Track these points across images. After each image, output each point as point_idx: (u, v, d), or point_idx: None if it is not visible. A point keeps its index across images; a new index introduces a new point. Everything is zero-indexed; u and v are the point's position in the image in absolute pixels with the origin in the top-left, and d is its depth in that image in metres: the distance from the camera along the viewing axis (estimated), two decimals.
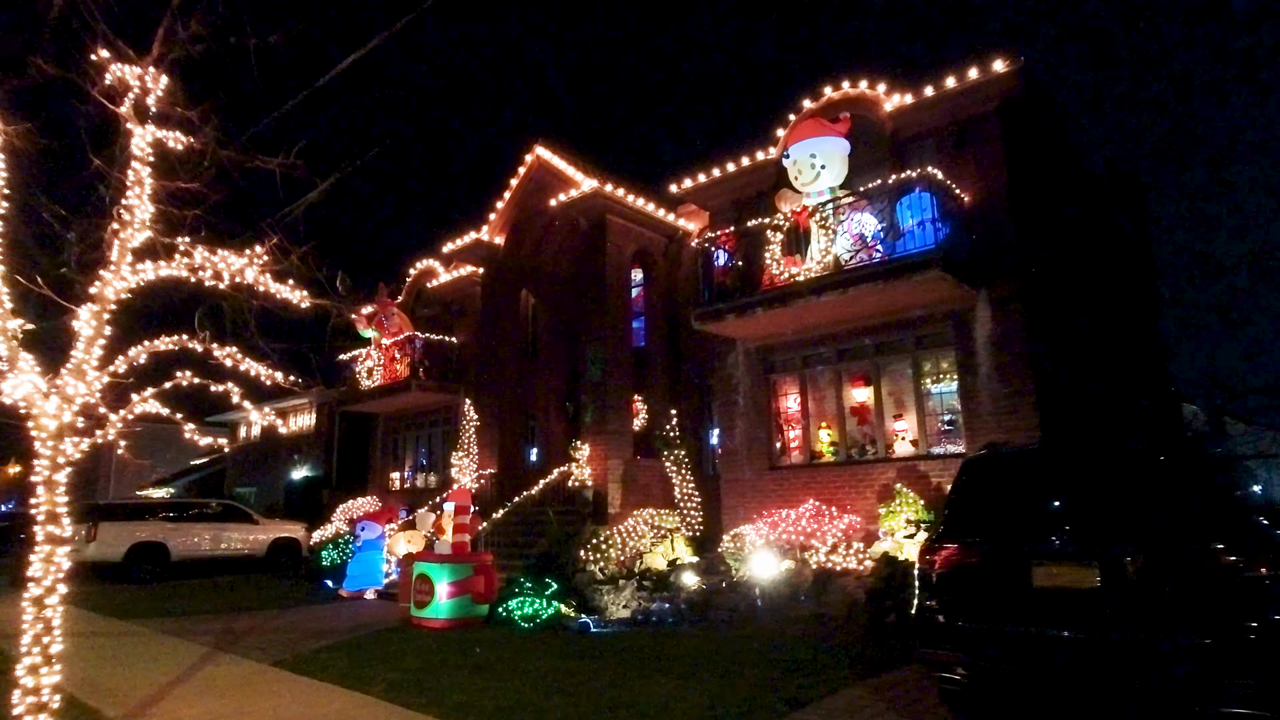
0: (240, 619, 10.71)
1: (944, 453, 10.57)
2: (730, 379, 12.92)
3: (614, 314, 13.85)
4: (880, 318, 11.08)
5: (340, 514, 19.12)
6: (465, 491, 10.36)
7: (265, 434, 28.81)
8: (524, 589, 10.79)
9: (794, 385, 12.43)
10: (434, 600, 9.64)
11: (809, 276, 10.51)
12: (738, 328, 11.86)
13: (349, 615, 10.87)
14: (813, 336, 11.92)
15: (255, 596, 13.27)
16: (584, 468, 12.94)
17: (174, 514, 17.76)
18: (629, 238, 14.48)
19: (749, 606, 9.77)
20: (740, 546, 11.28)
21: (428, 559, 9.89)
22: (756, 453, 12.42)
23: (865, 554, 9.40)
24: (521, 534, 12.47)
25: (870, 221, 10.23)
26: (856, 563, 9.29)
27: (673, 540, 12.63)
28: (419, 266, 19.83)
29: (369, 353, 18.72)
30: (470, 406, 16.60)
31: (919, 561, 4.88)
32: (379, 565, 13.13)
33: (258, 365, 5.68)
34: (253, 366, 5.66)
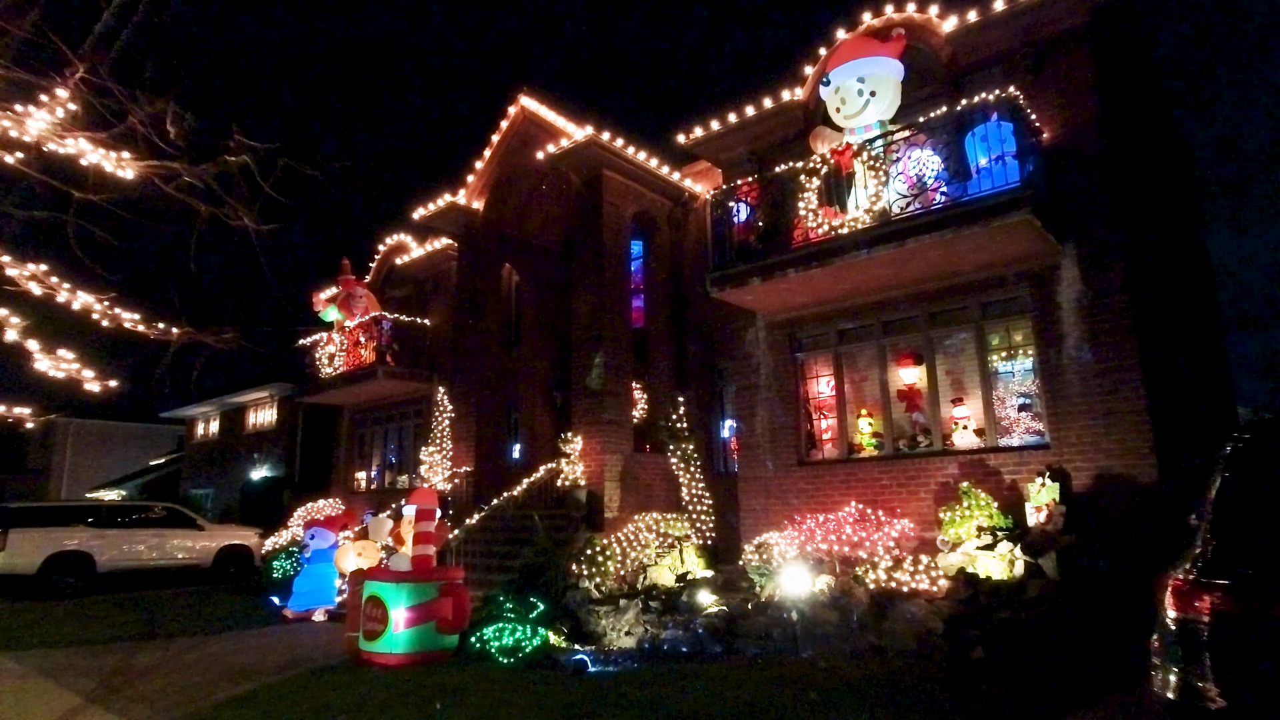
0: (148, 649, 8.60)
1: (1019, 444, 8.66)
2: (749, 360, 10.96)
3: (612, 285, 11.85)
4: (937, 281, 9.17)
5: (299, 518, 16.96)
6: (430, 492, 8.33)
7: (224, 431, 26.51)
8: (503, 612, 8.77)
9: (826, 365, 10.49)
10: (388, 630, 7.59)
11: (855, 228, 8.57)
12: (762, 295, 9.90)
13: (286, 645, 8.78)
14: (851, 306, 9.99)
15: (184, 616, 11.14)
16: (576, 464, 10.91)
17: (103, 519, 15.54)
18: (629, 198, 12.50)
19: (785, 635, 7.79)
20: (767, 558, 9.31)
21: (381, 577, 7.84)
22: (782, 446, 10.46)
23: (937, 570, 7.45)
24: (501, 543, 10.42)
25: (931, 160, 8.32)
26: (929, 581, 7.34)
27: (682, 550, 10.64)
28: (389, 242, 17.73)
29: (330, 336, 16.58)
30: (444, 396, 14.52)
31: (1174, 606, 2.89)
32: (331, 580, 11.03)
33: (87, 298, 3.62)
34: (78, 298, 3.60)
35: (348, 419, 18.68)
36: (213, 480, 26.46)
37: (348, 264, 16.40)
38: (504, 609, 8.93)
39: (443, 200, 14.04)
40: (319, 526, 11.26)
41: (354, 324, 15.96)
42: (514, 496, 10.68)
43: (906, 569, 7.54)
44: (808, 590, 8.62)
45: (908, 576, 7.51)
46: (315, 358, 16.88)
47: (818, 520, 9.13)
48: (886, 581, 7.57)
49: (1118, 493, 7.75)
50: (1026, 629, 6.60)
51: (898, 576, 7.60)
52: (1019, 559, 7.38)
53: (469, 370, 14.13)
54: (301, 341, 17.43)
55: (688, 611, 8.97)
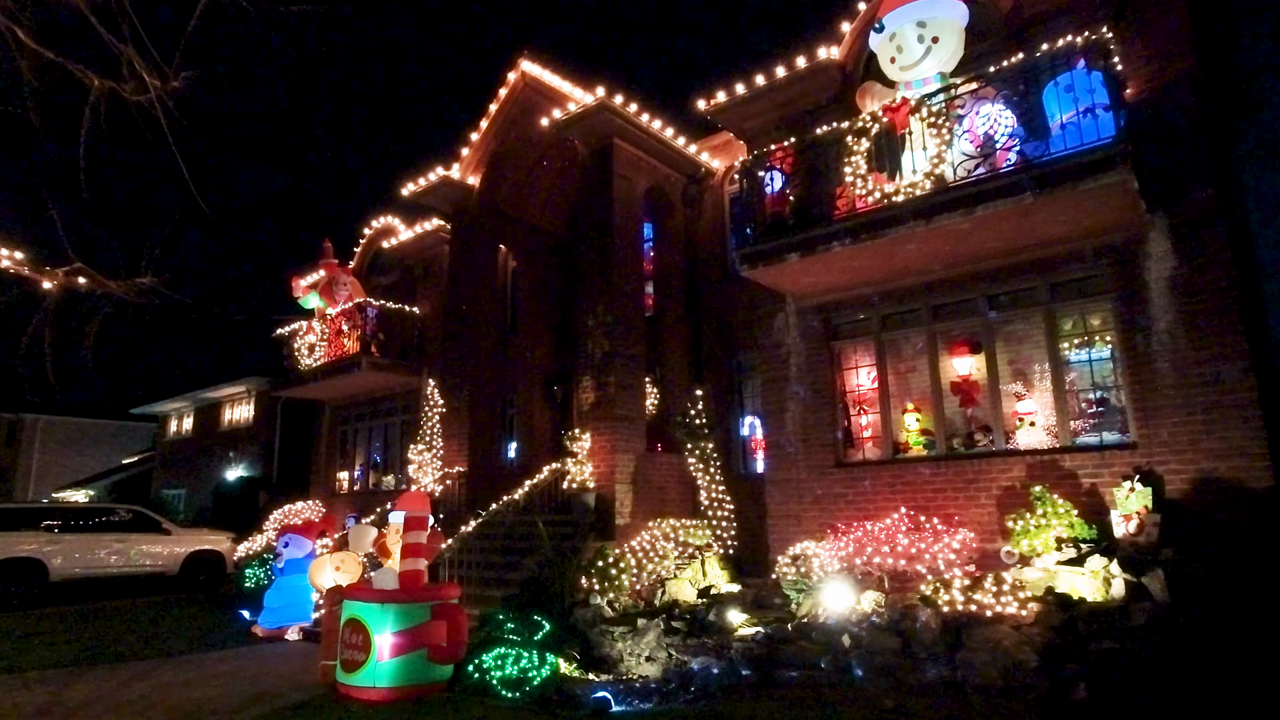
0: (88, 679, 7.34)
1: (1098, 443, 7.59)
2: (777, 350, 9.84)
3: (624, 267, 10.70)
4: (998, 258, 8.09)
5: (275, 522, 15.66)
6: (420, 497, 7.14)
7: (198, 428, 25.10)
8: (504, 633, 7.61)
9: (867, 355, 9.39)
10: (370, 659, 6.39)
11: (912, 195, 7.47)
12: (797, 274, 8.78)
13: (252, 674, 7.54)
14: (896, 288, 8.90)
15: (140, 634, 9.86)
16: (584, 464, 9.74)
17: (60, 523, 14.19)
18: (641, 172, 11.34)
19: (836, 664, 6.67)
20: (805, 571, 8.19)
21: (363, 596, 6.64)
22: (815, 445, 9.34)
23: (1024, 590, 6.34)
24: (500, 553, 9.23)
25: (1003, 116, 7.23)
26: (1014, 603, 6.23)
27: (704, 561, 9.49)
28: (375, 225, 16.47)
29: (311, 325, 15.30)
30: (434, 389, 13.30)
31: None
32: (307, 594, 9.79)
33: None
34: None
35: (329, 415, 17.39)
36: (186, 480, 25.05)
37: (329, 246, 15.14)
38: (504, 630, 7.76)
39: (434, 175, 12.82)
40: (294, 533, 10.02)
41: (336, 312, 14.71)
42: (514, 500, 9.49)
43: (988, 588, 6.42)
44: (851, 608, 7.53)
45: (987, 596, 6.38)
46: (294, 348, 15.60)
47: (865, 529, 8.02)
48: (965, 603, 6.44)
49: (1223, 499, 6.69)
50: (1137, 663, 5.52)
51: (973, 595, 6.48)
52: (1116, 577, 6.30)
53: (462, 361, 12.92)
54: (279, 331, 16.15)
55: (716, 633, 7.83)
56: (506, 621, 7.96)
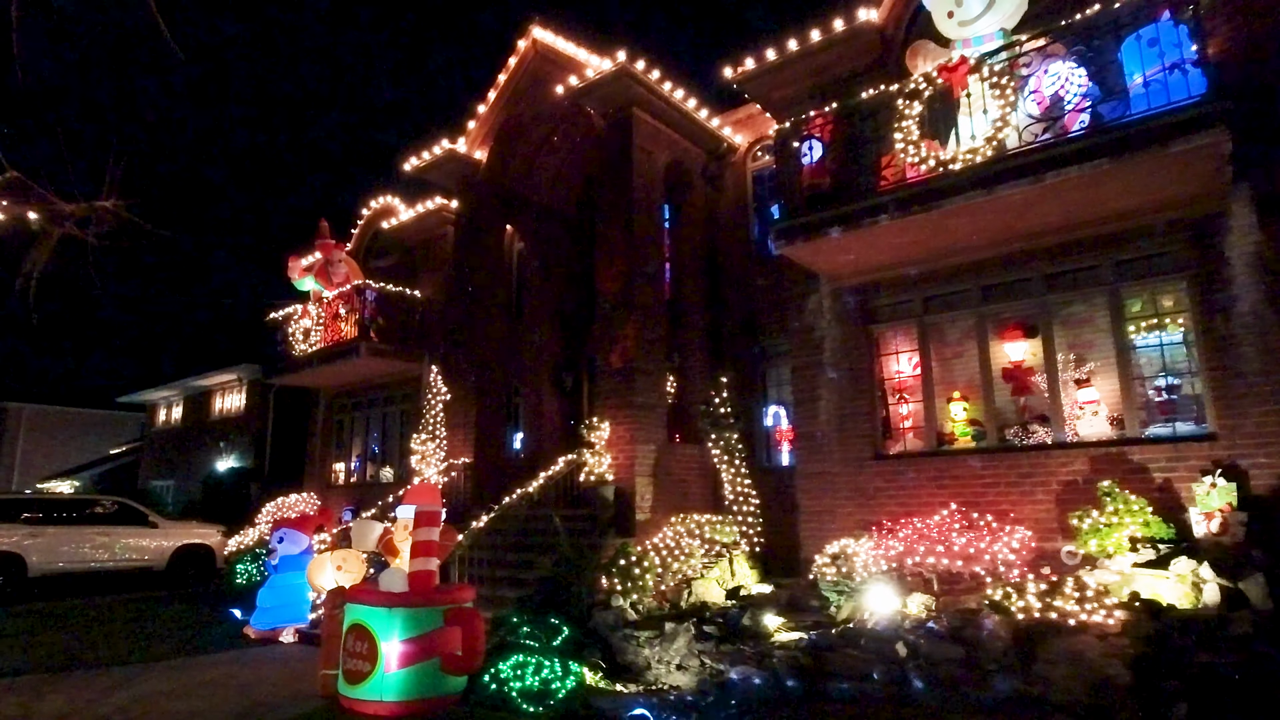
0: (62, 687, 6.65)
1: (1171, 434, 6.97)
2: (810, 334, 9.20)
3: (644, 246, 10.02)
4: (1058, 234, 7.46)
5: (267, 515, 14.97)
6: (431, 490, 6.47)
7: (188, 418, 24.31)
8: (519, 638, 6.98)
9: (908, 339, 8.76)
10: (377, 670, 5.72)
11: (971, 162, 6.82)
12: (837, 251, 8.12)
13: (244, 682, 6.87)
14: (941, 267, 8.26)
15: (123, 635, 9.17)
16: (603, 455, 9.07)
17: (40, 515, 13.48)
18: (661, 145, 10.66)
19: (890, 675, 6.05)
20: (847, 572, 7.56)
21: (368, 599, 5.97)
22: (852, 436, 8.71)
23: (1109, 596, 5.72)
24: (513, 550, 8.57)
25: (1075, 75, 6.58)
26: (1104, 613, 5.60)
27: (732, 560, 8.85)
28: (374, 205, 15.72)
29: (306, 309, 14.57)
30: (437, 376, 12.60)
31: None
32: (303, 593, 9.11)
33: None
34: None
35: (324, 404, 16.67)
36: (174, 471, 24.27)
37: (326, 226, 14.38)
38: (519, 634, 7.13)
39: (439, 149, 12.09)
40: (289, 528, 9.33)
41: (333, 294, 13.97)
42: (528, 493, 8.82)
43: (1069, 593, 5.79)
44: (897, 612, 6.93)
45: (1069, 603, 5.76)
46: (288, 333, 14.86)
47: (914, 526, 7.41)
48: (1044, 610, 5.82)
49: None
50: (1246, 679, 4.91)
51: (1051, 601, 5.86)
52: (1208, 581, 5.69)
53: (467, 347, 12.23)
54: (272, 315, 15.40)
55: (752, 639, 7.20)
56: (522, 625, 7.33)
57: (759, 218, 11.54)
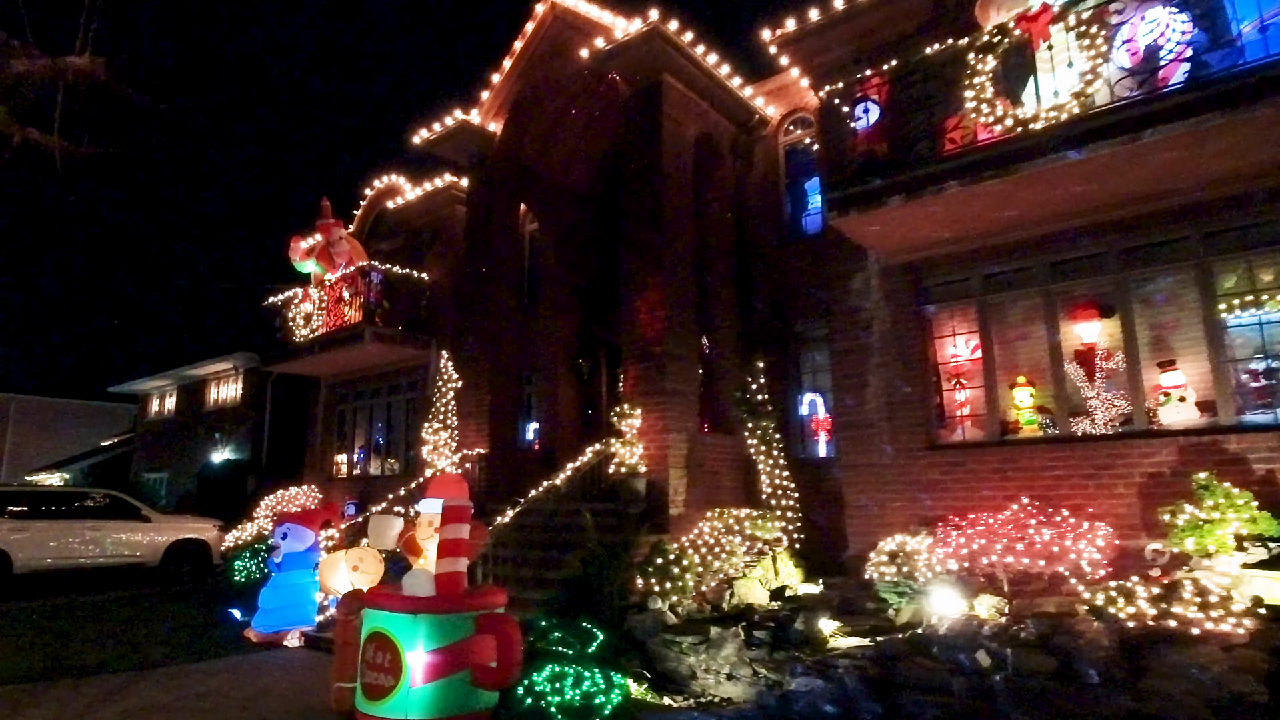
0: (45, 698, 5.97)
1: (1273, 420, 6.35)
2: (855, 315, 8.54)
3: (675, 223, 9.33)
4: (1139, 204, 6.82)
5: (266, 508, 14.29)
6: (457, 480, 5.81)
7: (182, 408, 23.55)
8: (549, 645, 6.35)
9: (966, 321, 8.11)
10: (401, 684, 5.06)
11: (1056, 120, 6.16)
12: (894, 223, 7.46)
13: (247, 693, 6.19)
14: (1005, 242, 7.61)
15: (113, 638, 8.48)
16: (634, 445, 8.40)
17: (26, 509, 12.76)
18: (691, 115, 9.97)
19: (971, 689, 5.41)
20: (909, 571, 6.93)
21: (390, 604, 5.30)
22: (903, 425, 8.07)
23: (1235, 603, 5.09)
24: (539, 548, 7.89)
25: (1173, 22, 5.93)
26: (1232, 622, 4.97)
27: (775, 558, 8.21)
28: (378, 184, 15.00)
29: (307, 292, 13.85)
30: (448, 362, 11.90)
31: None
32: (309, 593, 8.44)
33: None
34: None
35: (325, 393, 15.96)
36: (168, 464, 23.52)
37: (328, 205, 13.65)
38: (550, 641, 6.48)
39: (451, 119, 11.36)
40: (293, 523, 8.64)
41: (336, 277, 13.26)
42: (555, 486, 8.15)
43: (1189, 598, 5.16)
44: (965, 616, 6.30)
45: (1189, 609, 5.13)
46: (288, 318, 14.15)
47: (979, 522, 6.78)
48: (1160, 617, 5.19)
49: None
50: None
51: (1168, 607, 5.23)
52: None
53: (480, 331, 11.53)
54: (271, 300, 14.68)
55: (804, 645, 6.57)
56: (552, 630, 6.67)
57: (791, 196, 10.88)
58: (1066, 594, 6.45)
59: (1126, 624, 5.21)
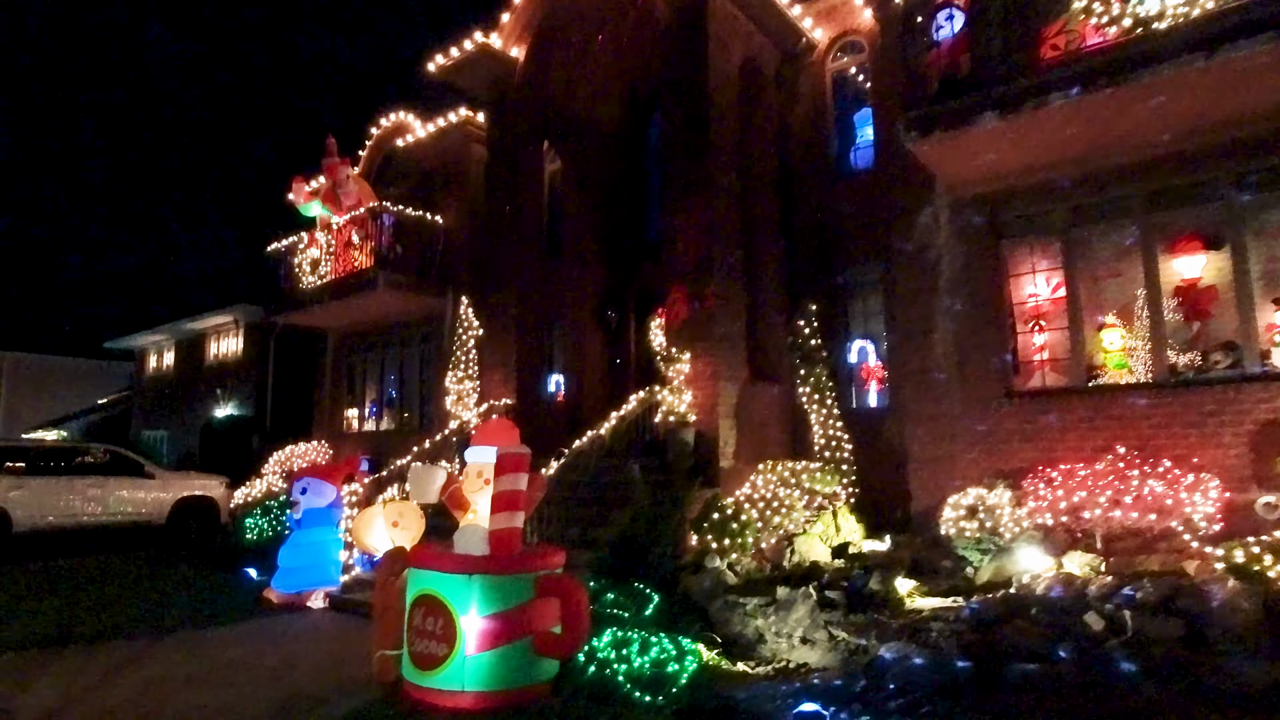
0: (53, 668, 5.41)
1: None
2: (922, 255, 7.84)
3: (722, 155, 8.55)
4: (1256, 122, 6.09)
5: (275, 466, 13.71)
6: (509, 426, 5.18)
7: (181, 364, 22.83)
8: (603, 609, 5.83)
9: (1048, 257, 7.44)
10: (456, 653, 4.49)
11: (1186, 18, 5.40)
12: (978, 147, 6.73)
13: (274, 662, 5.64)
14: (1098, 170, 6.89)
15: (122, 601, 7.94)
16: (682, 393, 7.77)
17: (25, 464, 12.14)
18: (737, 39, 9.12)
19: (1081, 656, 4.88)
20: (992, 527, 6.37)
21: (441, 564, 4.70)
22: (976, 371, 7.45)
23: None
24: (584, 504, 7.31)
25: None
26: None
27: (835, 514, 7.66)
28: (385, 123, 14.07)
29: (314, 237, 13.05)
30: (468, 309, 11.19)
31: None
32: (332, 551, 7.89)
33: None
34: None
35: (333, 346, 15.25)
36: (168, 421, 22.89)
37: (334, 143, 12.74)
38: (604, 604, 5.95)
39: (470, 44, 10.44)
40: (312, 477, 8.04)
41: (344, 220, 12.45)
42: (600, 437, 7.53)
43: None
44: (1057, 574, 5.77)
45: None
46: (293, 265, 13.37)
47: (1069, 474, 6.21)
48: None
49: None
50: None
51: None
52: None
53: (504, 277, 10.79)
54: (274, 245, 13.87)
55: (882, 607, 6.04)
56: (604, 592, 6.14)
57: (839, 130, 10.08)
58: (1169, 550, 5.91)
59: (1277, 584, 4.63)
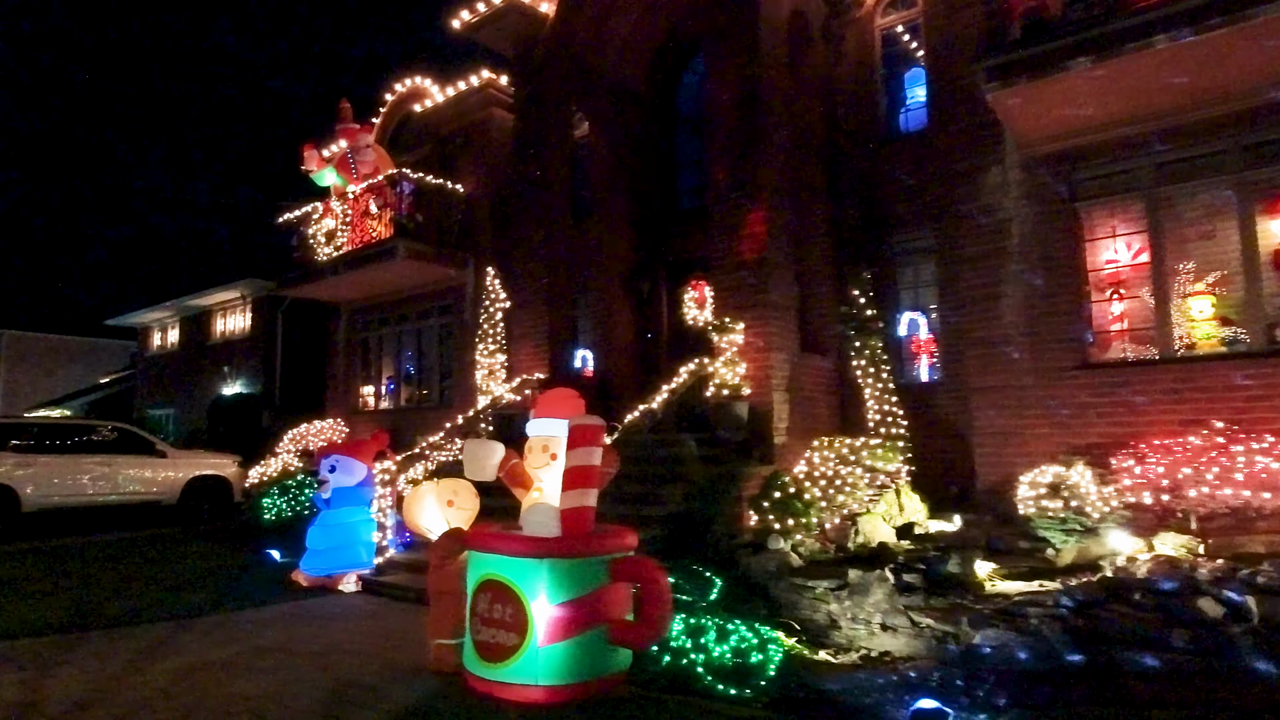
0: (78, 653, 5.02)
1: None
2: (988, 217, 7.37)
3: (774, 111, 8.04)
4: None
5: (290, 443, 13.30)
6: (573, 396, 4.75)
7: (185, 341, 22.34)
8: None
9: (1129, 219, 6.98)
10: (528, 643, 4.08)
11: None
12: (1066, 96, 6.23)
13: (315, 648, 5.23)
14: (1188, 123, 6.41)
15: (141, 582, 7.55)
16: (735, 365, 7.32)
17: (31, 442, 11.70)
18: None
19: (1201, 644, 4.50)
20: (1077, 505, 5.97)
21: (509, 547, 4.28)
22: (1048, 342, 7.01)
23: None
24: (637, 481, 6.88)
25: None
26: None
27: (899, 492, 7.25)
28: (400, 87, 13.49)
29: (328, 206, 12.52)
30: (494, 280, 10.71)
31: None
32: (363, 532, 7.49)
33: None
34: None
35: (346, 321, 14.78)
36: (174, 399, 22.44)
37: (348, 107, 12.21)
38: None
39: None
40: (341, 454, 7.61)
41: (361, 188, 11.92)
42: (651, 410, 7.11)
43: None
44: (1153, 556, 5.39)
45: None
46: (307, 236, 12.85)
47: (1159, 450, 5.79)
48: None
49: None
50: None
51: None
52: None
53: (533, 246, 10.30)
54: (286, 216, 13.35)
55: (962, 590, 5.64)
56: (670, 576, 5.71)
57: (887, 88, 9.56)
58: (1270, 531, 5.52)
59: None
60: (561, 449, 4.59)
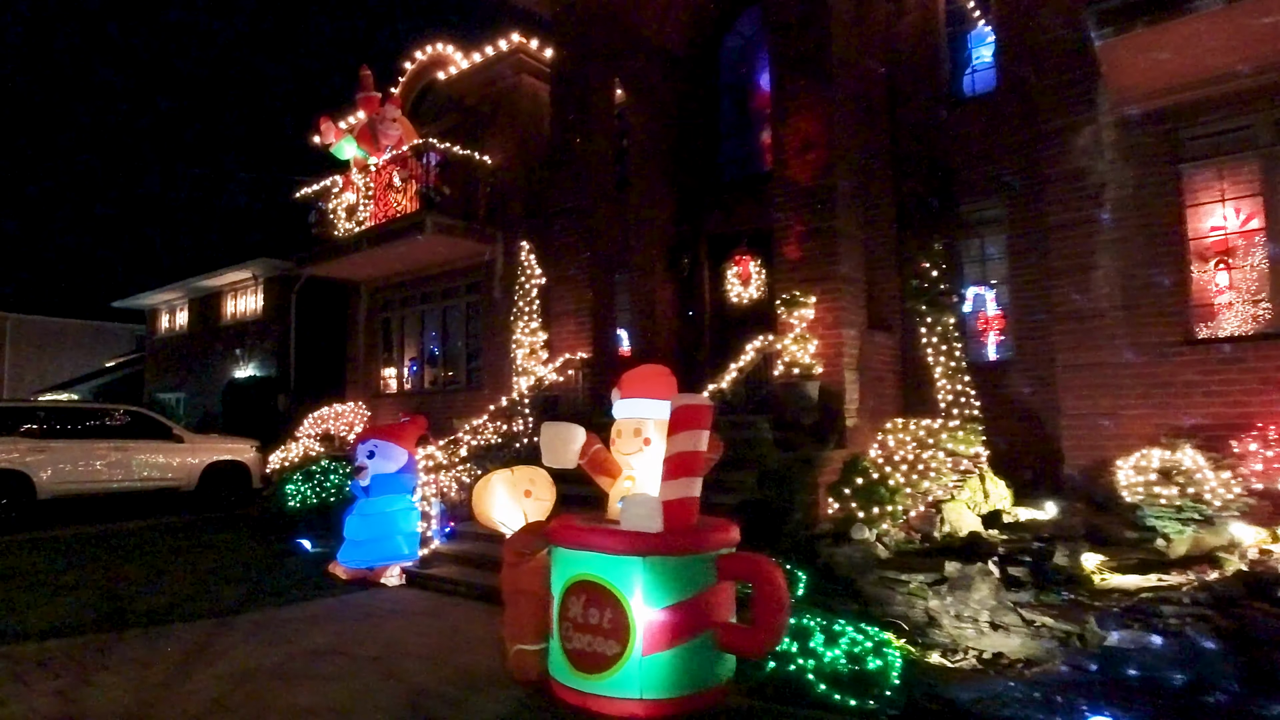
0: (115, 655, 4.57)
1: None
2: (1079, 181, 6.82)
3: (841, 66, 7.45)
4: None
5: (310, 426, 12.82)
6: (665, 373, 4.27)
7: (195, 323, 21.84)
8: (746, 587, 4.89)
9: (1238, 182, 6.42)
10: (629, 652, 3.61)
11: None
12: (1181, 44, 5.67)
13: (374, 650, 4.77)
14: None
15: (171, 574, 7.11)
16: (805, 341, 6.80)
17: (44, 426, 11.24)
18: None
19: None
20: (1195, 493, 5.49)
21: (606, 543, 3.79)
22: (1146, 315, 6.50)
23: None
24: None
25: None
26: None
27: (984, 477, 6.76)
28: (422, 55, 12.87)
29: (349, 180, 11.96)
30: (531, 257, 10.18)
31: None
32: (405, 522, 7.03)
33: None
34: None
35: (366, 301, 14.26)
36: (183, 382, 21.98)
37: (369, 75, 11.62)
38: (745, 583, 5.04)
39: None
40: (381, 439, 7.13)
41: (384, 160, 11.35)
42: (720, 391, 6.62)
43: None
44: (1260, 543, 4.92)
45: None
46: (326, 211, 12.30)
47: None
48: None
49: None
50: None
51: None
52: None
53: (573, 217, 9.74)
54: (304, 191, 12.79)
55: (1072, 585, 5.18)
56: None
57: (952, 48, 8.97)
58: None
59: None
60: (654, 432, 4.11)
